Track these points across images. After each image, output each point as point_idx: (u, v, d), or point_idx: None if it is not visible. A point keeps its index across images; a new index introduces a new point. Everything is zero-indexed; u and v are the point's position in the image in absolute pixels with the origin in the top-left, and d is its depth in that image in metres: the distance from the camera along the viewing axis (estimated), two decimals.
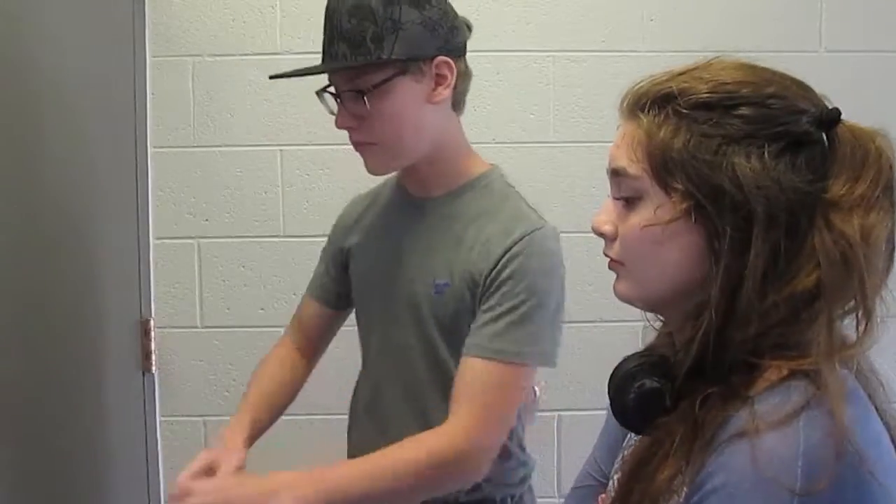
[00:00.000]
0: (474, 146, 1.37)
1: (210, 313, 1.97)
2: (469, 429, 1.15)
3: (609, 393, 0.81)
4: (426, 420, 1.25)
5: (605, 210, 0.82)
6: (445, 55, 1.19)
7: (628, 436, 0.88)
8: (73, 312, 1.66)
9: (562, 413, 2.01)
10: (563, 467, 2.03)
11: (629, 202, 0.78)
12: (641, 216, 0.77)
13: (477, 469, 1.18)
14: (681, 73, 0.78)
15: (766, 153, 0.72)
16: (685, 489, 0.72)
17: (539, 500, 1.46)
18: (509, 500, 1.32)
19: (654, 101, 0.77)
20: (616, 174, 0.79)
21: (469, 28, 1.27)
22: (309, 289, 1.49)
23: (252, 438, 1.35)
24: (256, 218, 1.97)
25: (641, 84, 0.80)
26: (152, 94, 1.94)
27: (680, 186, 0.74)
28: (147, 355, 1.94)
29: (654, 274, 0.78)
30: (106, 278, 1.84)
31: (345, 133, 1.94)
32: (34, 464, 1.47)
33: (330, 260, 1.45)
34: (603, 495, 0.88)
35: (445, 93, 1.20)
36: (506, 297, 1.18)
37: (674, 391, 0.76)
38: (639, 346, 2.19)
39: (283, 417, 2.00)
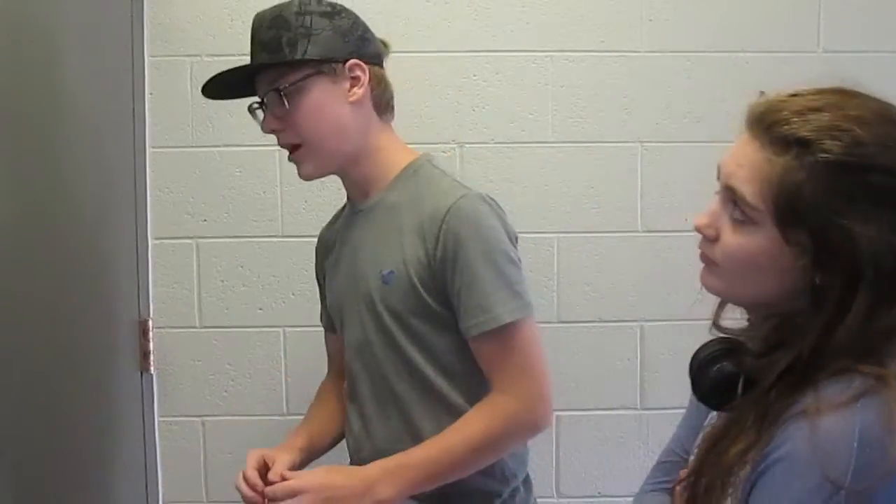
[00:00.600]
0: (473, 146, 1.38)
1: (208, 313, 1.97)
2: (515, 394, 1.26)
3: (690, 374, 0.89)
4: (397, 406, 1.33)
5: (709, 213, 0.86)
6: (357, 59, 1.31)
7: (708, 417, 0.95)
8: (71, 313, 1.65)
9: (560, 413, 2.00)
10: (561, 467, 2.02)
11: (740, 219, 0.83)
12: (752, 244, 0.82)
13: (545, 419, 1.30)
14: (818, 110, 0.79)
15: (886, 222, 0.76)
16: (748, 467, 0.80)
17: (537, 499, 1.45)
18: (497, 499, 1.34)
19: (790, 143, 0.79)
20: (733, 192, 0.83)
21: (385, 45, 1.40)
22: (322, 323, 1.60)
23: (308, 450, 1.43)
24: (255, 218, 1.96)
25: (775, 104, 0.82)
26: (150, 93, 1.94)
27: (801, 240, 0.78)
28: (145, 355, 1.93)
29: (748, 288, 0.86)
30: (104, 279, 1.84)
31: None
32: (33, 464, 1.47)
33: (321, 291, 1.57)
34: (684, 470, 0.95)
35: (360, 92, 1.32)
36: (462, 271, 1.24)
37: (750, 375, 0.83)
38: (637, 345, 2.20)
39: (289, 417, 2.00)
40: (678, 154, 1.96)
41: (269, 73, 1.31)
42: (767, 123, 0.81)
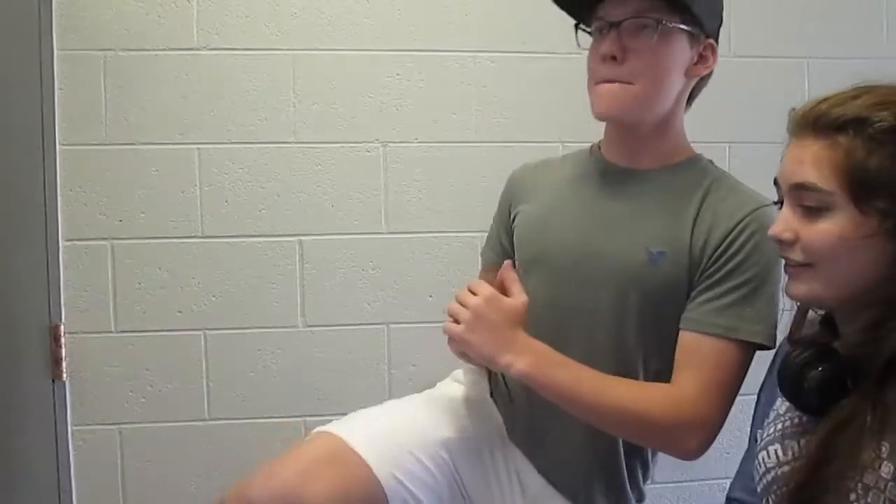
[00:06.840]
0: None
1: (124, 317, 1.90)
2: (695, 402, 1.16)
3: (784, 382, 0.91)
4: None
5: (782, 220, 0.90)
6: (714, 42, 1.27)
7: (775, 412, 0.97)
8: None
9: None
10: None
11: (814, 211, 0.87)
12: (833, 227, 0.86)
13: (693, 442, 1.17)
14: (855, 98, 0.87)
15: None
16: (887, 465, 0.80)
17: None
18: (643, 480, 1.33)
19: (844, 125, 0.85)
20: (802, 188, 0.87)
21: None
22: (485, 257, 1.49)
23: None
24: (173, 218, 1.91)
25: (817, 107, 0.88)
26: (60, 88, 1.86)
27: (881, 206, 0.83)
28: (57, 362, 1.85)
29: (844, 275, 0.87)
30: (12, 282, 1.76)
31: (259, 132, 1.90)
32: None
33: (502, 226, 1.45)
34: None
35: (701, 71, 1.27)
36: (733, 273, 1.19)
37: (847, 374, 0.85)
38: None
39: (211, 423, 1.95)
40: None
41: (641, 2, 1.21)
42: (812, 121, 0.87)
